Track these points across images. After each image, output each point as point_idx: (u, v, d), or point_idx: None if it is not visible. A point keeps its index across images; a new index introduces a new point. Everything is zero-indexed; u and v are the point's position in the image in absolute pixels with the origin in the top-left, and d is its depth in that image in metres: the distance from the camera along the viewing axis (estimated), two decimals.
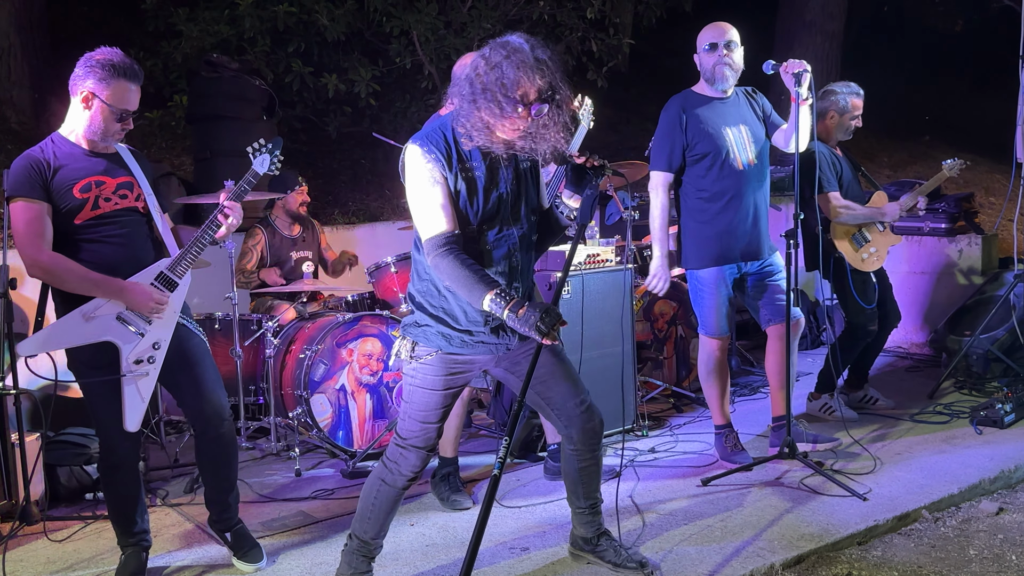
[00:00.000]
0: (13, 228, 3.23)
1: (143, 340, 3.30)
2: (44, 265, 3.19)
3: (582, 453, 3.14)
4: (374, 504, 3.08)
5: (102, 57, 3.27)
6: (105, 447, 3.40)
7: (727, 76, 4.28)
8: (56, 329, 3.23)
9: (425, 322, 2.95)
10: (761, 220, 4.37)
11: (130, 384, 3.27)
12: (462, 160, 2.85)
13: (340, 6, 6.88)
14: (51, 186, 3.23)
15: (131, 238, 3.36)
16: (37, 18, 6.89)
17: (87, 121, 3.29)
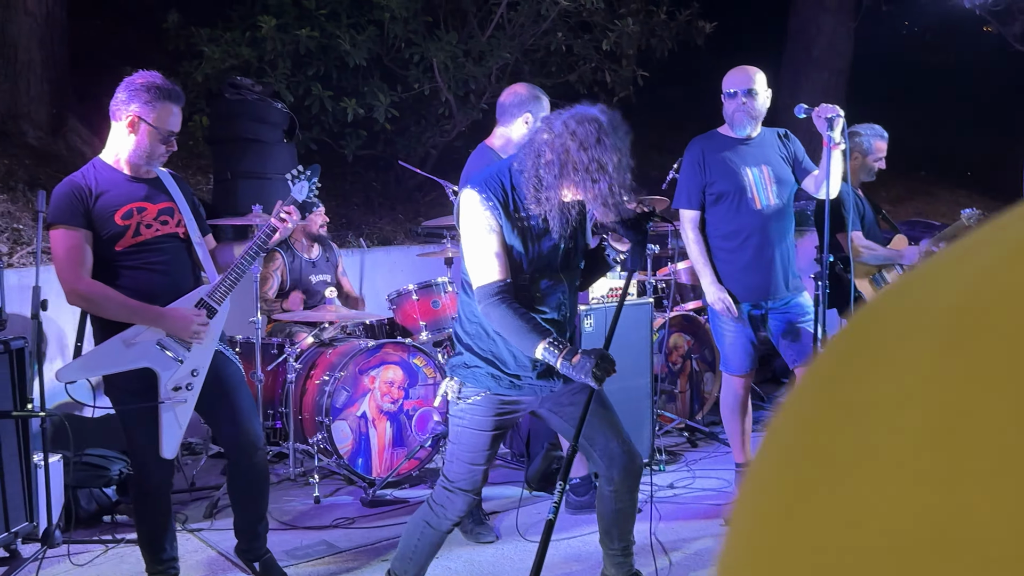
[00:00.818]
0: (53, 255, 3.24)
1: (182, 367, 3.31)
2: (83, 293, 3.20)
3: (621, 495, 3.15)
4: (417, 545, 3.07)
5: (144, 81, 3.30)
6: (139, 473, 3.39)
7: (745, 124, 4.32)
8: (96, 355, 3.23)
9: (475, 363, 2.96)
10: (779, 260, 4.39)
11: (168, 411, 3.28)
12: (518, 209, 2.88)
13: (362, 32, 6.93)
14: (92, 213, 3.24)
15: (171, 264, 3.37)
16: (58, 34, 6.90)
17: (133, 145, 3.30)
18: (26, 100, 6.76)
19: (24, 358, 3.92)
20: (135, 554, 3.89)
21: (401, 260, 6.71)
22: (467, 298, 2.98)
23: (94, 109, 7.14)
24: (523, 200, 2.86)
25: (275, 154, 6.26)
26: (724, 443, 5.44)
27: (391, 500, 4.57)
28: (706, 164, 4.34)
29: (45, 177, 6.39)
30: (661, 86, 9.26)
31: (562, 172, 2.72)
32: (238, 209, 5.84)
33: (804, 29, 10.50)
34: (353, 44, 6.83)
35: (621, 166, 2.76)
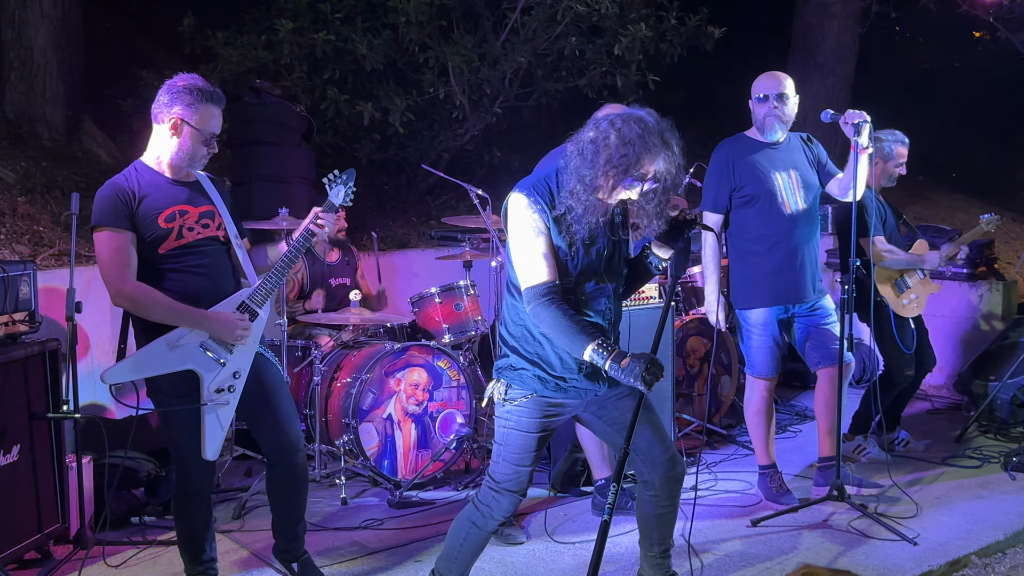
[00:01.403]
0: (98, 257, 3.26)
1: (224, 369, 3.34)
2: (129, 295, 3.22)
3: (661, 500, 3.18)
4: (463, 545, 3.10)
5: (186, 83, 3.33)
6: (182, 475, 3.42)
7: (776, 128, 4.38)
8: (141, 357, 3.26)
9: (521, 365, 2.99)
10: (807, 263, 4.45)
11: (211, 413, 3.31)
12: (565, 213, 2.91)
13: (377, 36, 6.95)
14: (136, 216, 3.26)
15: (213, 267, 3.40)
16: (74, 37, 6.90)
17: (175, 147, 3.33)
18: (42, 102, 6.76)
19: (57, 360, 3.94)
20: (168, 555, 3.92)
21: (417, 263, 6.74)
22: (513, 301, 3.01)
23: (109, 111, 7.16)
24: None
25: (293, 157, 6.28)
26: (742, 446, 5.49)
27: (417, 502, 4.60)
28: (735, 168, 4.38)
29: (62, 179, 6.40)
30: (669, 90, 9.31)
31: (603, 165, 2.75)
32: (256, 212, 5.85)
33: (809, 34, 10.54)
34: (368, 48, 6.85)
35: (665, 171, 2.80)
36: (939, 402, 6.63)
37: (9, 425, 3.69)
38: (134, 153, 7.27)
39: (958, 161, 13.14)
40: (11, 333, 3.80)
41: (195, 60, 7.06)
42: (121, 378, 3.22)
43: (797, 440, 5.68)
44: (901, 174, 5.19)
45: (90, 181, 6.61)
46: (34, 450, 3.83)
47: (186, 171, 3.40)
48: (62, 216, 6.00)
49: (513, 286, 2.99)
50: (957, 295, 6.89)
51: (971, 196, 12.26)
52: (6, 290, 3.76)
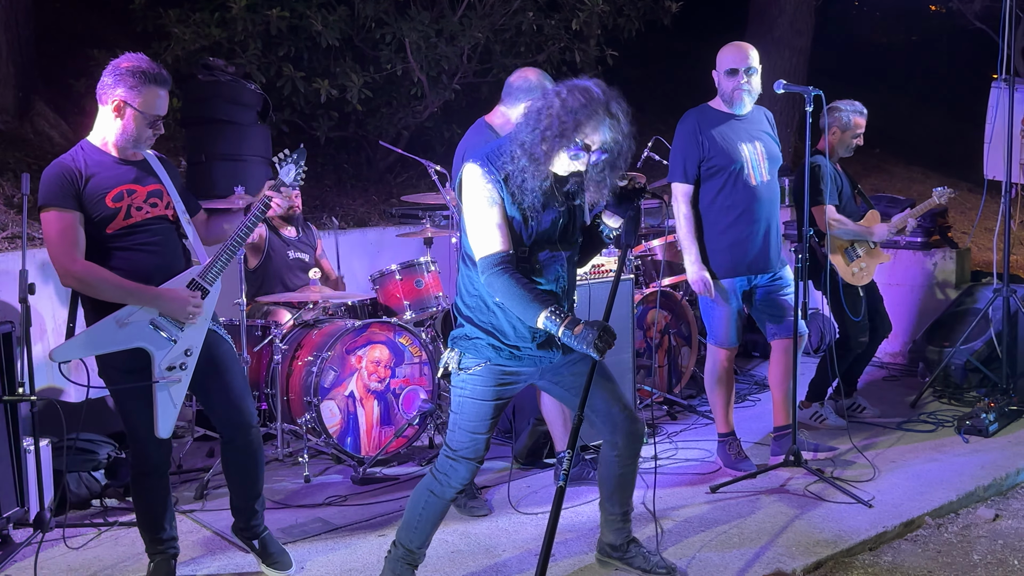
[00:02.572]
0: (46, 238, 3.23)
1: (175, 346, 3.32)
2: (78, 275, 3.20)
3: (624, 459, 3.23)
4: (422, 514, 3.13)
5: (130, 65, 3.28)
6: (137, 454, 3.40)
7: (745, 101, 4.41)
8: (90, 335, 3.24)
9: (475, 335, 3.01)
10: (772, 234, 4.50)
11: (163, 390, 3.29)
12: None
13: (333, 12, 6.89)
14: (83, 195, 3.24)
15: (162, 245, 3.38)
16: (23, 17, 6.77)
17: (119, 129, 3.30)
18: None
19: (11, 343, 3.89)
20: (129, 536, 3.91)
21: (378, 241, 6.72)
22: (467, 271, 3.03)
23: (61, 92, 7.05)
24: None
25: (249, 136, 6.22)
26: (702, 415, 5.56)
27: (381, 478, 4.61)
28: (703, 138, 4.40)
29: (14, 161, 6.30)
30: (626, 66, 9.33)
31: (540, 126, 2.78)
32: (213, 191, 5.80)
33: (766, 9, 10.59)
34: (324, 24, 6.78)
35: (612, 140, 2.81)
36: (895, 369, 6.76)
37: None
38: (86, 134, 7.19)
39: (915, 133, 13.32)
40: None
41: (147, 38, 6.95)
42: (70, 356, 3.20)
43: (756, 409, 5.76)
44: (858, 144, 5.25)
45: (42, 163, 6.47)
46: None
47: (132, 151, 3.37)
48: (15, 199, 5.91)
49: (467, 256, 3.00)
50: (912, 263, 7.00)
51: (928, 168, 12.44)
52: None
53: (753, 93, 4.42)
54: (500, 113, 4.12)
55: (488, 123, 4.12)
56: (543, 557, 2.76)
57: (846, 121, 5.16)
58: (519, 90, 4.01)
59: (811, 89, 4.28)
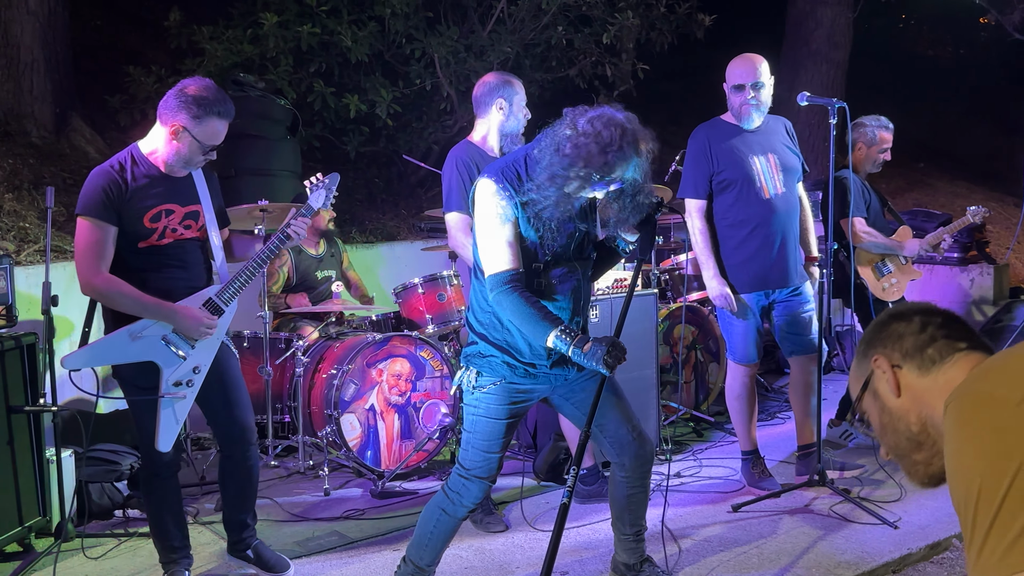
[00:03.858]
0: (76, 244, 3.28)
1: (184, 363, 3.35)
2: (98, 287, 3.25)
3: (632, 480, 3.18)
4: (433, 532, 3.10)
5: (197, 93, 3.26)
6: (146, 456, 3.44)
7: (754, 116, 4.34)
8: (102, 345, 3.28)
9: (489, 352, 2.99)
10: (789, 248, 4.42)
11: (167, 406, 3.33)
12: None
13: (363, 28, 6.94)
14: (123, 212, 3.26)
15: (187, 263, 3.43)
16: (60, 33, 6.91)
17: (173, 150, 3.31)
18: (29, 99, 6.77)
19: (35, 354, 3.95)
20: (148, 547, 3.92)
21: (405, 255, 6.74)
22: (480, 286, 3.00)
23: (97, 108, 7.17)
24: None
25: (278, 150, 6.29)
26: (729, 433, 5.48)
27: (400, 492, 4.60)
28: (712, 153, 4.35)
29: (50, 176, 6.41)
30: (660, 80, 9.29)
31: (579, 167, 2.74)
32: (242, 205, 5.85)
33: (802, 22, 10.49)
34: (354, 40, 6.84)
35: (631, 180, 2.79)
36: None
37: None
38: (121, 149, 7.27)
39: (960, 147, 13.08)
40: None
41: (181, 55, 7.06)
42: (79, 364, 3.24)
43: (785, 426, 5.65)
44: (886, 160, 5.16)
45: (78, 177, 6.63)
46: (13, 443, 3.83)
47: (179, 170, 3.40)
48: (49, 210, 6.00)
49: (480, 271, 2.98)
50: (948, 279, 6.86)
51: (972, 182, 12.21)
52: None
53: (762, 108, 4.34)
54: (479, 127, 4.16)
55: (470, 140, 4.15)
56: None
57: (871, 136, 5.07)
58: (485, 95, 4.09)
59: (835, 101, 4.22)
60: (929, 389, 1.61)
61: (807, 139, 9.64)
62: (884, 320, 1.72)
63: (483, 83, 4.14)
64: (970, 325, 1.70)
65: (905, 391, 1.65)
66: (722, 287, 4.38)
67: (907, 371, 1.65)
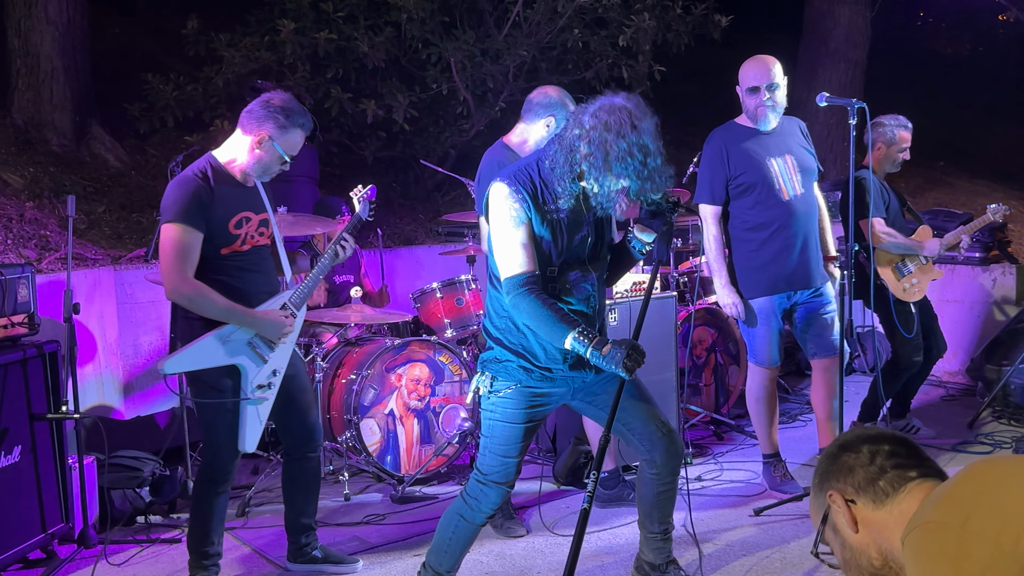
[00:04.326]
0: (164, 251, 3.30)
1: (265, 366, 3.45)
2: (187, 293, 3.29)
3: (663, 477, 3.17)
4: (452, 538, 3.10)
5: (283, 103, 3.40)
6: (211, 464, 3.47)
7: (770, 118, 4.30)
8: (196, 349, 3.33)
9: (505, 357, 2.98)
10: (810, 249, 4.38)
11: (252, 407, 3.41)
12: (547, 202, 2.90)
13: (379, 33, 6.96)
14: (211, 217, 3.32)
15: (264, 269, 3.53)
16: (80, 42, 6.96)
17: (255, 159, 3.41)
18: (49, 108, 6.83)
19: (57, 361, 3.97)
20: (170, 553, 3.95)
21: (423, 259, 6.74)
22: (495, 292, 3.00)
23: (116, 116, 7.22)
24: (553, 194, 2.89)
25: (297, 156, 6.26)
26: (750, 436, 5.44)
27: (420, 496, 4.60)
28: (729, 157, 4.32)
29: (70, 184, 6.46)
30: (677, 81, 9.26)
31: (606, 162, 2.74)
32: None
33: (820, 21, 10.43)
34: (371, 46, 6.86)
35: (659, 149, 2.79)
36: (953, 388, 6.55)
37: (10, 426, 3.73)
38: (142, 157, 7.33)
39: (980, 146, 12.98)
40: (11, 336, 3.83)
41: (199, 62, 7.10)
42: (179, 369, 3.32)
43: (807, 429, 5.63)
44: (905, 159, 5.12)
45: (98, 185, 6.69)
46: (36, 451, 3.86)
47: (252, 179, 3.49)
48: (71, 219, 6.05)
49: (495, 277, 2.98)
50: (969, 279, 6.79)
51: (993, 181, 12.11)
52: (4, 293, 3.79)
53: (777, 109, 4.30)
54: (519, 132, 4.12)
55: (506, 143, 4.12)
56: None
57: (891, 136, 5.03)
58: (540, 106, 4.02)
59: (854, 102, 4.18)
60: (885, 523, 1.62)
61: (826, 140, 9.59)
62: (834, 452, 1.73)
63: (544, 94, 4.07)
64: (918, 448, 1.70)
65: (863, 525, 1.65)
66: (732, 296, 4.37)
67: (862, 506, 1.65)
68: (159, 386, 5.60)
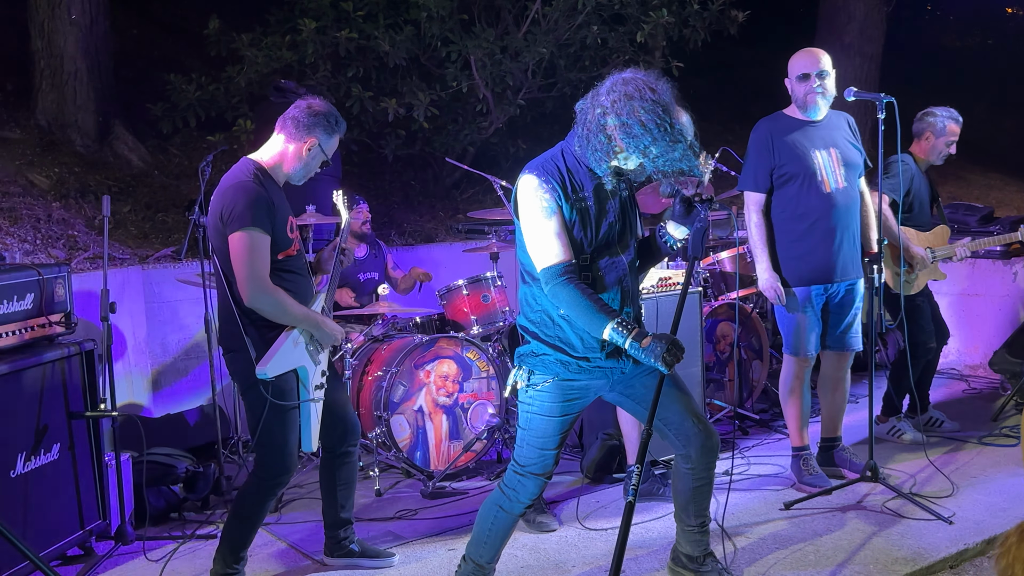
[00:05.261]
0: (239, 257, 3.29)
1: (318, 368, 3.53)
2: (269, 300, 3.32)
3: (698, 471, 3.19)
4: (491, 530, 3.13)
5: (325, 110, 3.48)
6: (273, 465, 3.47)
7: (820, 105, 4.33)
8: (283, 352, 3.38)
9: (542, 351, 3.01)
10: (848, 243, 4.37)
11: (313, 407, 3.48)
12: (575, 190, 2.94)
13: (399, 32, 6.99)
14: (274, 221, 3.37)
15: (305, 272, 3.58)
16: (102, 43, 7.01)
17: (300, 164, 3.48)
18: (73, 109, 6.88)
19: (94, 360, 4.02)
20: (207, 548, 3.99)
21: (445, 256, 6.78)
22: (528, 287, 3.03)
23: (139, 116, 7.27)
24: (579, 183, 2.93)
25: None
26: (775, 430, 5.47)
27: (450, 492, 4.64)
28: (774, 146, 4.33)
29: (95, 184, 6.51)
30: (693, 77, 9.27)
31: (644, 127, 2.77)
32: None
33: (835, 16, 10.45)
34: (391, 44, 6.89)
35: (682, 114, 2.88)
36: (976, 382, 6.55)
37: (49, 425, 3.77)
38: (165, 157, 7.37)
39: (992, 139, 12.96)
40: (48, 335, 3.87)
41: (221, 63, 7.14)
42: (278, 371, 3.34)
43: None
44: (951, 153, 5.12)
45: (122, 185, 6.73)
46: (74, 449, 3.91)
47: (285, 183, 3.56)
48: (96, 220, 6.11)
49: (527, 272, 3.01)
50: (991, 272, 6.80)
51: (1006, 174, 12.09)
52: (42, 292, 3.83)
53: (828, 96, 4.33)
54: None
55: None
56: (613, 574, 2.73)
57: (941, 127, 5.03)
58: None
59: (883, 96, 4.20)
60: None
61: None
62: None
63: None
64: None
65: None
66: (773, 280, 4.37)
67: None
68: (186, 383, 5.66)
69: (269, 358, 3.33)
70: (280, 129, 3.47)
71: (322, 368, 3.54)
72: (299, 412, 3.45)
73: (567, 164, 2.96)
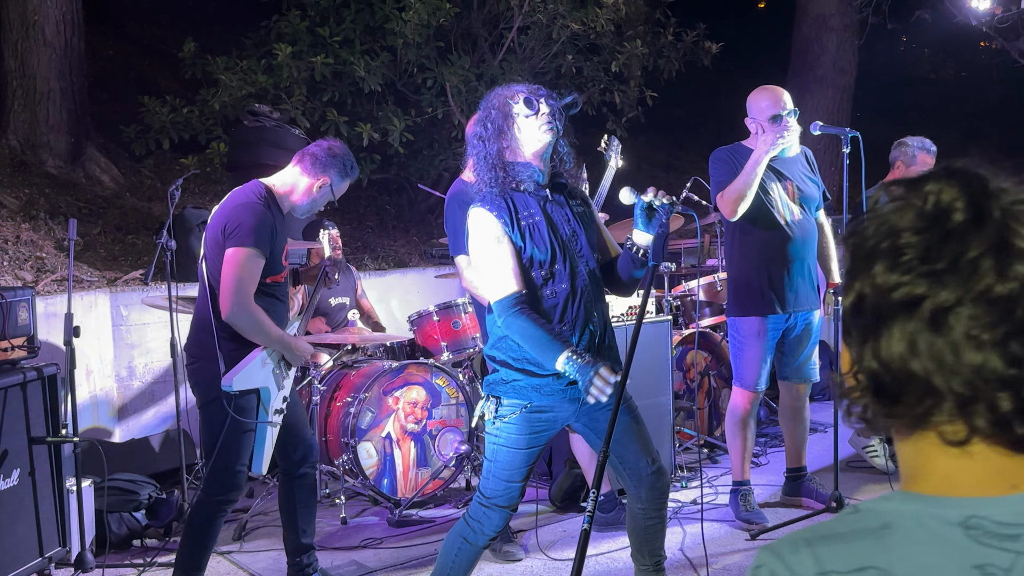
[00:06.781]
0: (234, 274, 3.34)
1: (280, 392, 3.54)
2: (248, 318, 3.36)
3: (649, 512, 3.18)
4: (455, 562, 3.10)
5: (343, 153, 3.60)
6: (223, 484, 3.45)
7: (794, 144, 4.33)
8: (251, 369, 3.41)
9: (512, 377, 2.99)
10: (804, 274, 4.40)
11: (269, 430, 3.49)
12: (518, 210, 2.95)
13: (376, 58, 7.02)
14: (273, 246, 3.43)
15: (284, 298, 3.63)
16: (76, 65, 6.99)
17: (309, 200, 3.57)
18: (45, 129, 6.84)
19: (56, 384, 3.98)
20: None
21: (417, 282, 6.77)
22: (493, 315, 3.03)
23: (112, 138, 7.25)
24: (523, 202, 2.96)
25: None
26: None
27: (417, 520, 4.61)
28: (737, 167, 4.32)
29: (65, 206, 6.47)
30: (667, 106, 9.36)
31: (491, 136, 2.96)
32: None
33: (808, 48, 10.58)
34: (367, 70, 6.92)
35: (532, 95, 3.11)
36: None
37: (9, 450, 3.72)
38: (137, 178, 7.33)
39: None
40: (10, 359, 3.83)
41: (196, 85, 7.14)
42: (244, 386, 3.36)
43: None
44: None
45: (93, 207, 6.70)
46: (34, 474, 3.85)
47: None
48: (64, 242, 6.06)
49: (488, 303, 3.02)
50: None
51: None
52: (4, 316, 3.79)
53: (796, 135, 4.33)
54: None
55: (464, 180, 4.18)
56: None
57: (911, 156, 5.11)
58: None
59: (847, 131, 4.25)
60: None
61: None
62: None
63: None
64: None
65: None
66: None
67: None
68: (152, 408, 5.61)
69: (236, 372, 3.36)
70: (297, 162, 3.56)
71: (284, 394, 3.55)
72: (255, 433, 3.45)
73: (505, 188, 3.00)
